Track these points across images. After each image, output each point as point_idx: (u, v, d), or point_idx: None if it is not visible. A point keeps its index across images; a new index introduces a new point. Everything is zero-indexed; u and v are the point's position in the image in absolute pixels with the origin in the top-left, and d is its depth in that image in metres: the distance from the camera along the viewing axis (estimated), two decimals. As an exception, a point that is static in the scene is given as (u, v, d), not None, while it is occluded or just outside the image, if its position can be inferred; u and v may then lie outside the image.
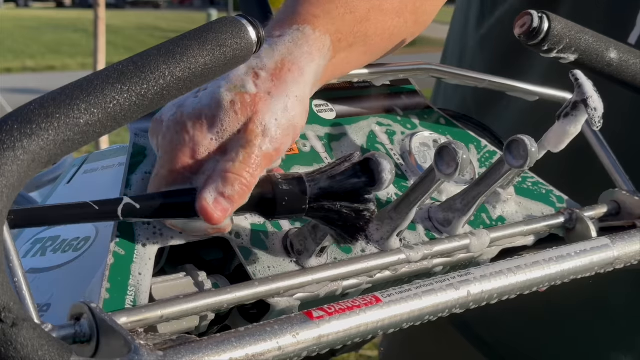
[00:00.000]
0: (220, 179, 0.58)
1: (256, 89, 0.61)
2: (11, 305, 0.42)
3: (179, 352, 0.48)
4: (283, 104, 0.62)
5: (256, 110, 0.60)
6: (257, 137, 0.60)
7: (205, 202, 0.57)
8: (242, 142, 0.60)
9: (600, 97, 0.75)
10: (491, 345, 1.10)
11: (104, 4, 5.23)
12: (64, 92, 0.47)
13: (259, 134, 0.60)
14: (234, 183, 0.58)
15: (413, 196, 0.67)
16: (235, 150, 0.60)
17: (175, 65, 0.51)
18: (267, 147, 0.60)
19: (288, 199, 0.60)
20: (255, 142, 0.60)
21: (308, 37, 0.65)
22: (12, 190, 0.43)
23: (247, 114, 0.60)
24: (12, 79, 10.20)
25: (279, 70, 0.62)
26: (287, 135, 0.62)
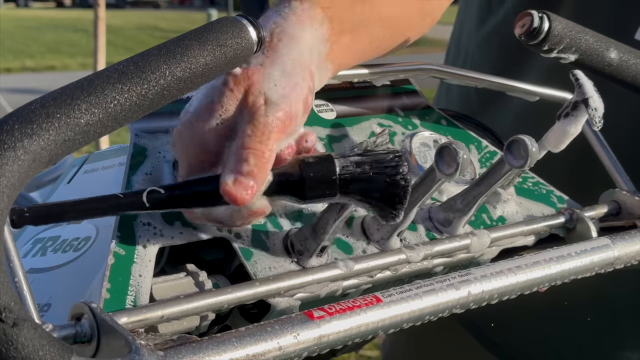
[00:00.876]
0: (234, 157, 0.57)
1: (247, 65, 0.60)
2: (12, 305, 0.42)
3: (179, 352, 0.48)
4: (279, 69, 0.60)
5: (251, 82, 0.59)
6: (259, 107, 0.59)
7: (227, 185, 0.56)
8: (246, 117, 0.59)
9: (600, 97, 0.75)
10: (499, 344, 1.10)
11: (104, 4, 5.23)
12: (65, 92, 0.47)
13: (261, 103, 0.59)
14: (248, 157, 0.57)
15: (413, 196, 0.67)
16: (242, 127, 0.58)
17: (175, 65, 0.51)
18: (273, 115, 0.59)
19: (316, 178, 0.57)
20: (259, 112, 0.58)
21: (295, 9, 0.64)
22: (13, 190, 0.43)
23: (243, 88, 0.59)
24: (12, 79, 10.20)
25: (269, 43, 0.61)
26: (293, 97, 0.60)
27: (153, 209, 0.55)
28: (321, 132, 0.75)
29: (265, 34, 0.61)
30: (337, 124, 0.77)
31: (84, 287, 0.58)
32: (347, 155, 0.58)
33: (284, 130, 0.60)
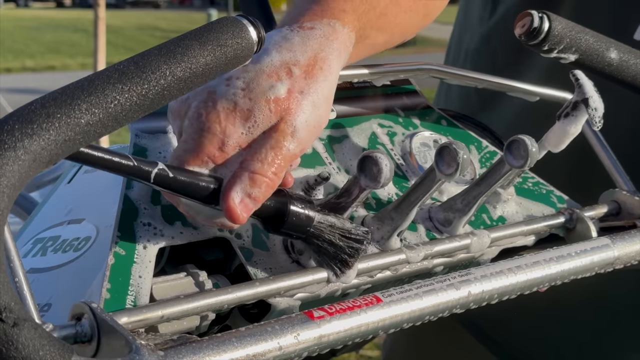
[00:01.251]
0: (248, 179, 0.58)
1: (290, 87, 0.61)
2: (12, 305, 0.42)
3: (179, 352, 0.48)
4: (312, 104, 0.61)
5: (288, 111, 0.60)
6: (286, 138, 0.60)
7: (233, 202, 0.57)
8: (272, 142, 0.59)
9: (600, 97, 0.75)
10: (499, 343, 1.10)
11: (104, 4, 5.23)
12: (65, 92, 0.47)
13: (289, 134, 0.60)
14: (261, 184, 0.58)
15: (413, 196, 0.67)
16: (264, 149, 0.59)
17: (176, 65, 0.51)
18: (294, 148, 0.60)
19: (294, 223, 0.60)
20: (284, 143, 0.60)
21: (338, 33, 0.65)
22: (13, 190, 0.43)
23: (280, 114, 0.60)
24: (12, 79, 10.20)
25: (311, 67, 0.62)
26: (313, 135, 0.62)
27: (154, 185, 0.55)
28: (323, 134, 0.75)
29: (310, 53, 0.62)
30: (338, 124, 0.77)
31: (84, 287, 0.58)
32: (325, 214, 0.61)
33: (293, 162, 0.61)
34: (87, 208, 0.65)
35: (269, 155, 0.59)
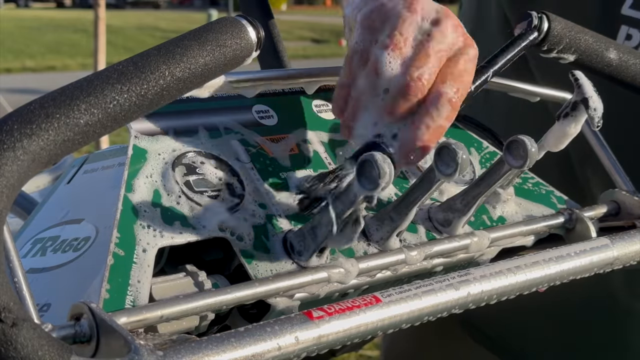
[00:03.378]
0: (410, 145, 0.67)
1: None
2: (11, 305, 0.42)
3: (178, 352, 0.48)
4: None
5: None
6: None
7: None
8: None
9: (600, 97, 0.75)
10: (494, 339, 1.10)
11: (104, 4, 5.23)
12: (64, 92, 0.47)
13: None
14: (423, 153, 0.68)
15: (413, 196, 0.67)
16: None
17: (175, 66, 0.51)
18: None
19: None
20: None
21: None
22: (12, 190, 0.43)
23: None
24: (12, 79, 10.20)
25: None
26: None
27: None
28: (324, 137, 0.75)
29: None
30: (338, 125, 0.77)
31: (83, 287, 0.58)
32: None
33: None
34: (87, 208, 0.65)
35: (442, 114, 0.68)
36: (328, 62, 10.66)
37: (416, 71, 0.67)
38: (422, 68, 0.67)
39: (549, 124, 0.78)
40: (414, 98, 0.67)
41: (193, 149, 0.66)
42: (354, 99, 0.69)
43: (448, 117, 0.67)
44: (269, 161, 0.70)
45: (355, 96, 0.69)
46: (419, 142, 0.66)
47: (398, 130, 0.67)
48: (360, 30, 0.69)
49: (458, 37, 0.69)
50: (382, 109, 0.67)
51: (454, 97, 0.67)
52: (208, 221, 0.62)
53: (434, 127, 0.67)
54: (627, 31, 0.95)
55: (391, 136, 0.67)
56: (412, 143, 0.66)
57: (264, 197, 0.67)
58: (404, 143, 0.67)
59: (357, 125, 0.69)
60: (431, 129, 0.67)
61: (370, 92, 0.68)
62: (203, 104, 0.69)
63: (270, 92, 0.74)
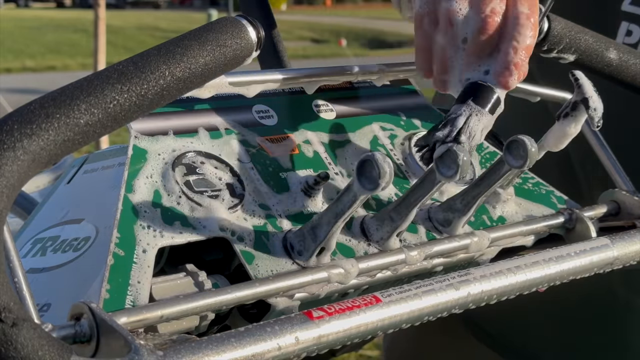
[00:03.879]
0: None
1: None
2: (11, 305, 0.42)
3: (178, 352, 0.48)
4: None
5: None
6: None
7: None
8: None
9: (600, 97, 0.75)
10: (495, 337, 1.10)
11: (104, 4, 5.23)
12: (64, 92, 0.47)
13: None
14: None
15: (413, 197, 0.67)
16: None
17: (175, 66, 0.51)
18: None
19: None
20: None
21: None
22: (12, 190, 0.43)
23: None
24: (12, 79, 10.20)
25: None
26: None
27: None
28: (324, 137, 0.75)
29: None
30: (339, 127, 0.77)
31: (83, 287, 0.58)
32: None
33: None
34: (87, 208, 0.65)
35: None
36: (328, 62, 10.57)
37: (487, 6, 0.68)
38: (491, 2, 0.69)
39: (549, 124, 0.78)
40: (495, 33, 0.69)
41: (193, 149, 0.66)
42: (438, 56, 0.71)
43: (531, 34, 0.69)
44: (269, 161, 0.70)
45: (439, 53, 0.71)
46: (511, 66, 0.69)
47: (490, 66, 0.70)
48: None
49: None
50: (469, 54, 0.70)
51: (530, 12, 0.69)
52: (208, 221, 0.62)
53: (522, 47, 0.69)
54: (627, 27, 0.96)
55: (484, 72, 0.70)
56: (505, 69, 0.69)
57: (264, 197, 0.67)
58: (498, 72, 0.69)
59: (450, 78, 0.71)
60: (519, 49, 0.69)
61: (451, 44, 0.70)
62: (203, 104, 0.69)
63: (270, 92, 0.74)
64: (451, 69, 0.71)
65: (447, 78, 0.71)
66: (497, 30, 0.69)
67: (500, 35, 0.69)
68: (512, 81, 0.69)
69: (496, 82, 0.69)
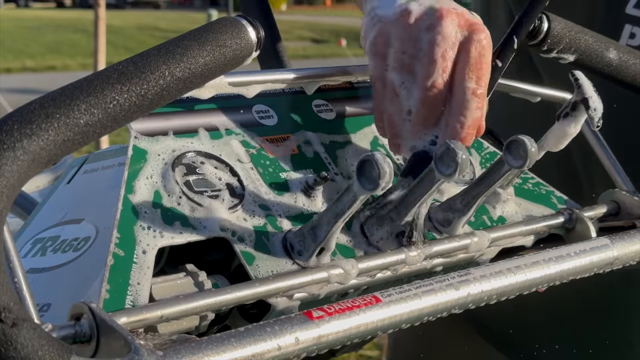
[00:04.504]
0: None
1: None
2: (11, 305, 0.42)
3: (178, 352, 0.48)
4: None
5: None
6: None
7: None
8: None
9: (599, 97, 0.75)
10: (496, 333, 1.10)
11: (104, 4, 5.23)
12: (64, 92, 0.47)
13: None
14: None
15: (413, 196, 0.67)
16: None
17: (175, 66, 0.51)
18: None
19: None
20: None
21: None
22: (12, 190, 0.43)
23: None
24: (12, 79, 10.21)
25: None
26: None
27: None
28: (324, 137, 0.75)
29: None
30: (338, 125, 0.77)
31: (83, 287, 0.57)
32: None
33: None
34: (87, 208, 0.65)
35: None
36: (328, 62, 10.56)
37: (428, 81, 0.69)
38: (432, 76, 0.69)
39: (549, 124, 0.78)
40: (436, 106, 0.69)
41: (193, 149, 0.66)
42: (388, 122, 0.72)
43: (478, 107, 0.69)
44: (269, 161, 0.70)
45: (388, 119, 0.72)
46: (458, 139, 0.69)
47: (436, 136, 0.71)
48: (372, 58, 0.72)
49: (460, 29, 0.69)
50: (415, 124, 0.71)
51: (477, 87, 0.69)
52: (208, 221, 0.62)
53: (468, 122, 0.69)
54: (630, 30, 0.96)
55: (430, 142, 0.71)
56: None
57: (264, 198, 0.67)
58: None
59: (401, 143, 0.72)
60: (466, 124, 0.69)
61: (397, 113, 0.71)
62: (203, 104, 0.69)
63: (270, 92, 0.74)
64: (400, 135, 0.72)
65: (399, 142, 0.73)
66: (442, 101, 0.70)
67: (448, 107, 0.70)
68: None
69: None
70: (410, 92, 0.70)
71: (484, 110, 0.72)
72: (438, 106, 0.70)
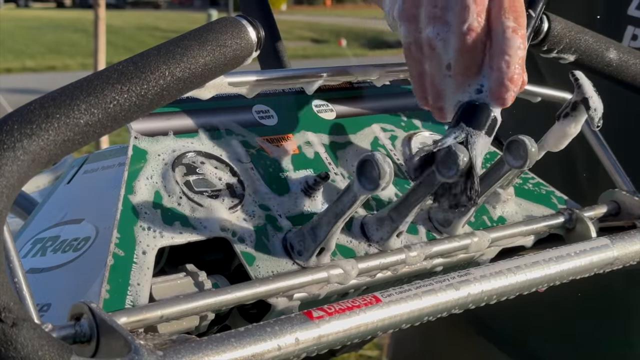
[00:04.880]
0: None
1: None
2: (11, 305, 0.42)
3: (178, 352, 0.48)
4: None
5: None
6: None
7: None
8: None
9: (600, 97, 0.75)
10: (498, 332, 1.10)
11: (104, 4, 5.24)
12: (64, 92, 0.47)
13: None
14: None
15: (413, 197, 0.67)
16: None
17: (175, 66, 0.51)
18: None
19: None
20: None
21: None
22: (12, 190, 0.43)
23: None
24: (12, 79, 10.21)
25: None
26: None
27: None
28: (324, 137, 0.75)
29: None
30: (338, 125, 0.77)
31: (83, 287, 0.58)
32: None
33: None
34: (87, 208, 0.65)
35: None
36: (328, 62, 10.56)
37: (463, 25, 0.67)
38: (467, 20, 0.67)
39: (548, 124, 0.78)
40: (477, 50, 0.67)
41: (193, 149, 0.66)
42: (430, 83, 0.70)
43: (521, 46, 0.67)
44: (269, 161, 0.70)
45: (429, 81, 0.69)
46: (506, 81, 0.66)
47: (481, 84, 0.68)
48: (403, 25, 0.70)
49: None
50: (456, 76, 0.68)
51: (516, 25, 0.67)
52: (209, 221, 0.62)
53: (514, 60, 0.66)
54: (633, 31, 0.96)
55: (475, 91, 0.68)
56: (500, 86, 0.67)
57: (264, 198, 0.67)
58: (494, 89, 0.67)
59: (445, 105, 0.69)
60: (512, 63, 0.66)
61: (438, 71, 0.69)
62: (203, 104, 0.69)
63: (270, 92, 0.74)
64: (444, 95, 0.69)
65: (443, 105, 0.70)
66: (482, 47, 0.67)
67: (489, 53, 0.67)
68: (509, 97, 0.67)
69: (492, 99, 0.67)
70: (446, 42, 0.67)
71: (523, 55, 0.68)
72: (478, 53, 0.67)
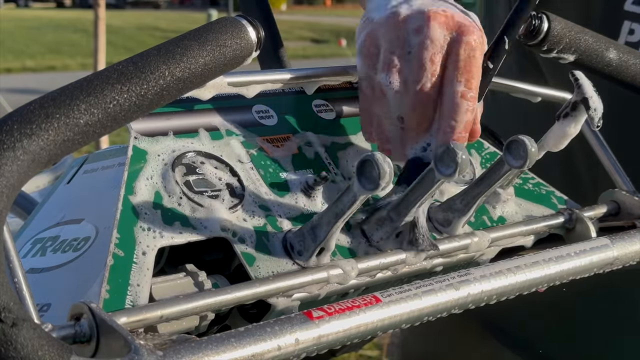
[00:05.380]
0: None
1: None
2: (11, 305, 0.42)
3: (178, 352, 0.48)
4: None
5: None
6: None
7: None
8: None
9: (599, 97, 0.75)
10: (507, 332, 1.10)
11: (104, 4, 5.23)
12: (64, 92, 0.47)
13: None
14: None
15: (413, 196, 0.67)
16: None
17: (175, 66, 0.51)
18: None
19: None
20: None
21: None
22: (12, 190, 0.43)
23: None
24: (12, 79, 10.21)
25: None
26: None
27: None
28: (324, 137, 0.75)
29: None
30: (338, 125, 0.77)
31: (83, 287, 0.57)
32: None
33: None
34: (87, 208, 0.65)
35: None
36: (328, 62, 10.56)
37: (417, 85, 0.68)
38: (421, 80, 0.68)
39: (548, 124, 0.78)
40: (427, 111, 0.69)
41: (193, 149, 0.66)
42: (376, 124, 0.71)
43: (468, 110, 0.68)
44: (269, 161, 0.70)
45: (376, 121, 0.71)
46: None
47: (428, 143, 0.70)
48: (360, 59, 0.72)
49: (449, 31, 0.69)
50: (407, 131, 0.70)
51: (466, 89, 0.68)
52: (209, 221, 0.62)
53: (459, 126, 0.69)
54: (629, 26, 0.96)
55: (422, 149, 0.70)
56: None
57: (264, 198, 0.67)
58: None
59: (392, 148, 0.72)
60: (457, 128, 0.68)
61: (388, 117, 0.70)
62: (203, 104, 0.69)
63: (270, 92, 0.74)
64: (391, 141, 0.71)
65: (389, 148, 0.72)
66: (432, 106, 0.69)
67: (439, 112, 0.69)
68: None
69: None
70: (399, 96, 0.69)
71: (478, 114, 0.71)
72: (429, 111, 0.69)
